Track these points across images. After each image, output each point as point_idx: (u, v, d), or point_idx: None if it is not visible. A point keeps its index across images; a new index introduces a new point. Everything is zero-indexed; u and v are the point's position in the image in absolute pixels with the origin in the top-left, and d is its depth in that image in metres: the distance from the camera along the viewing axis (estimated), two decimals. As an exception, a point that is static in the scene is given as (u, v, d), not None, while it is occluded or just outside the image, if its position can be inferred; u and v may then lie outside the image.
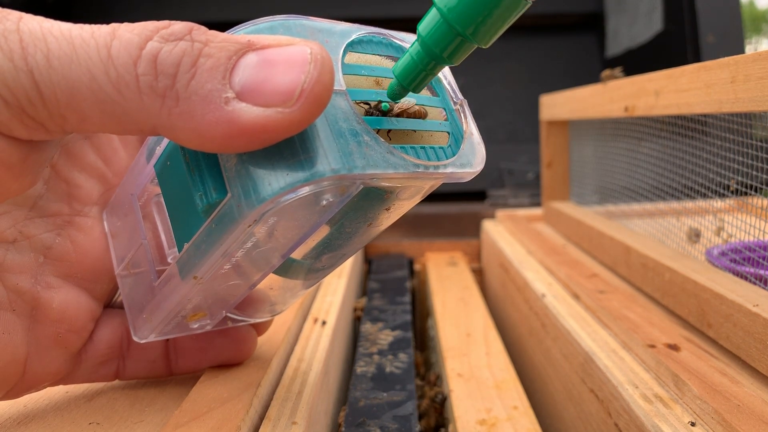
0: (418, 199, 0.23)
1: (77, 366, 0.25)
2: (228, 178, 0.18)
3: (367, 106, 0.19)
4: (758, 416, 0.24)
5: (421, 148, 0.20)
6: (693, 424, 0.25)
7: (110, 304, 0.27)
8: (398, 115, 0.20)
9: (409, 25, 0.26)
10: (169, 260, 0.24)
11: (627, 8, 1.00)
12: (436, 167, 0.19)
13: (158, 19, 0.18)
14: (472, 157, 0.21)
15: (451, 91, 0.22)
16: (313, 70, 0.16)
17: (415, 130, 0.20)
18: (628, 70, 0.44)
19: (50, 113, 0.17)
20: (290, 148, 0.17)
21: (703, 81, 0.32)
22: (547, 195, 0.65)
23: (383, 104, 0.19)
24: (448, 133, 0.21)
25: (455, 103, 0.22)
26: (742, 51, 0.77)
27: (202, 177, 0.19)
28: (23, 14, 0.18)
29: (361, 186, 0.18)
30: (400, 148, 0.19)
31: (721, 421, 0.24)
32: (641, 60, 0.95)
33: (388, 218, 0.23)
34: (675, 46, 0.87)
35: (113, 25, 0.18)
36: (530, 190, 0.90)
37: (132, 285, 0.25)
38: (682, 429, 0.25)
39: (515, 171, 0.93)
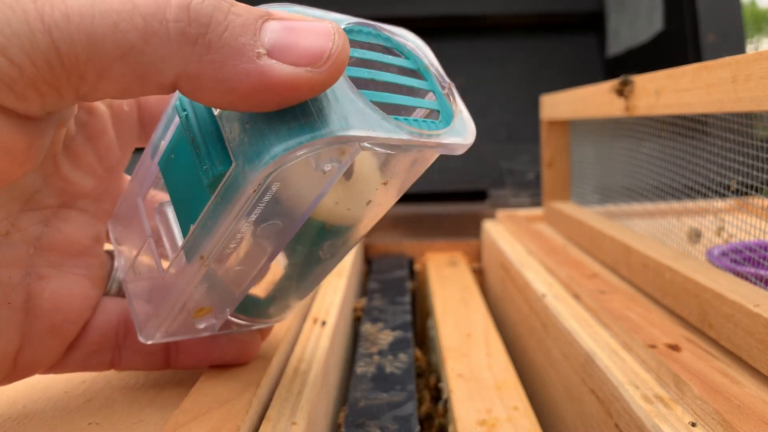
0: (405, 185, 0.23)
1: (68, 353, 0.25)
2: (232, 148, 0.19)
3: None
4: (759, 417, 0.24)
5: (414, 120, 0.21)
6: (694, 425, 0.25)
7: (105, 293, 0.27)
8: None
9: (408, 25, 0.26)
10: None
11: (627, 8, 1.00)
12: (429, 135, 0.20)
13: None
14: (463, 130, 0.22)
15: (438, 76, 0.23)
16: (338, 39, 0.18)
17: (406, 106, 0.21)
18: (629, 69, 0.44)
19: (68, 74, 0.17)
20: (291, 112, 0.18)
21: (704, 81, 0.32)
22: (547, 195, 0.65)
23: None
24: (439, 111, 0.22)
25: (443, 87, 0.23)
26: (743, 50, 0.76)
27: (208, 152, 0.20)
28: None
29: (359, 150, 0.19)
30: (394, 118, 0.20)
31: (721, 422, 0.24)
32: (642, 59, 0.95)
33: (386, 195, 0.24)
34: (675, 45, 0.87)
35: None
36: (530, 190, 0.90)
37: (137, 288, 0.25)
38: (682, 429, 0.25)
39: (515, 171, 0.93)
